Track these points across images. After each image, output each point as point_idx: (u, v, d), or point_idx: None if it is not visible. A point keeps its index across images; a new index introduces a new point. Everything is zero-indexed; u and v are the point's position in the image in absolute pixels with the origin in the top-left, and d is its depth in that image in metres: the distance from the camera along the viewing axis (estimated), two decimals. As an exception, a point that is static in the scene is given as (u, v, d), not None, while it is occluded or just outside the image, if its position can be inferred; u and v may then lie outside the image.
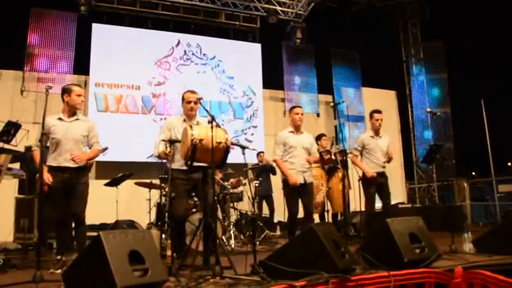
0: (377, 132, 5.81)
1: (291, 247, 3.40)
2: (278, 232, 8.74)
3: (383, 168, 5.71)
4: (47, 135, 4.10)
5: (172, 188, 4.46)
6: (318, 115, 11.71)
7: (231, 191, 6.92)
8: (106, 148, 5.81)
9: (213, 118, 3.74)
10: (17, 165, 6.04)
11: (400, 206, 8.99)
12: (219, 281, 3.16)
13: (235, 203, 7.21)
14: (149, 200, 6.63)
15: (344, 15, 12.55)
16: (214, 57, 10.79)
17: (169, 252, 4.78)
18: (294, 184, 5.07)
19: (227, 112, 10.67)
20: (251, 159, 8.40)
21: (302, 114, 5.33)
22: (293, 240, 3.67)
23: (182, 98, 4.51)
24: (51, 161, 4.10)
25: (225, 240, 5.97)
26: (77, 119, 4.30)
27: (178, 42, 10.55)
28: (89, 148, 4.37)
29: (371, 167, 5.66)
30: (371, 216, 5.62)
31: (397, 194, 5.87)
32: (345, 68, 12.12)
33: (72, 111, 4.27)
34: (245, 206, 7.57)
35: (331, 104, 8.50)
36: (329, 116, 11.93)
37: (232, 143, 4.02)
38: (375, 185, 5.64)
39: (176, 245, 4.25)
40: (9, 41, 9.85)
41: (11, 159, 5.18)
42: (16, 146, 5.73)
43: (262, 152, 8.78)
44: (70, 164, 4.13)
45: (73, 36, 9.50)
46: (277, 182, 8.26)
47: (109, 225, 6.70)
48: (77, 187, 4.15)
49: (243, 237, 6.65)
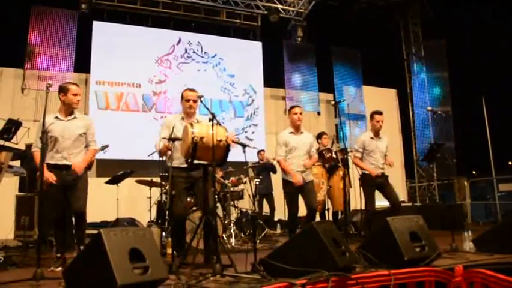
0: (377, 133, 5.79)
1: (292, 245, 3.39)
2: (278, 230, 8.75)
3: (382, 170, 5.70)
4: (46, 133, 4.09)
5: (171, 187, 4.45)
6: (318, 113, 11.70)
7: (232, 189, 6.93)
8: (106, 146, 5.82)
9: (213, 116, 3.73)
10: (17, 163, 6.04)
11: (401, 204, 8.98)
12: (219, 279, 3.15)
13: (236, 201, 7.22)
14: (150, 198, 6.64)
15: (345, 14, 12.54)
16: (215, 55, 10.79)
17: (169, 250, 4.79)
18: (297, 183, 5.07)
19: (228, 110, 10.67)
20: (252, 157, 8.41)
21: (301, 114, 5.31)
22: (293, 239, 3.66)
23: (182, 96, 4.50)
24: (49, 159, 4.09)
25: (225, 238, 5.98)
26: (75, 117, 4.27)
27: (179, 40, 10.55)
28: (85, 147, 4.34)
29: (370, 168, 5.66)
30: (370, 215, 5.61)
31: (397, 192, 5.88)
32: (346, 67, 12.11)
33: (69, 110, 4.24)
34: (245, 204, 7.58)
35: (332, 102, 8.53)
36: (329, 115, 11.93)
37: (232, 141, 4.01)
38: (375, 185, 5.63)
39: (176, 243, 4.25)
40: (10, 39, 9.87)
41: (11, 157, 5.19)
42: (17, 144, 5.72)
43: (262, 150, 8.78)
44: (67, 162, 4.13)
45: (73, 34, 9.51)
46: (278, 181, 8.27)
47: (110, 223, 6.72)
48: (76, 184, 4.13)
49: (243, 236, 6.66)
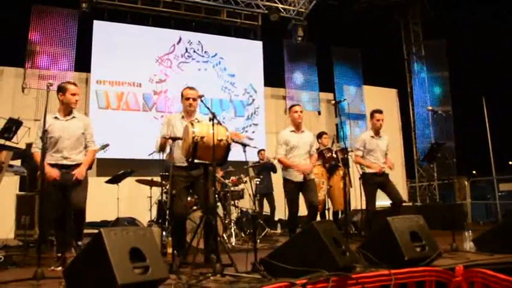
0: (377, 132, 5.79)
1: (292, 245, 3.39)
2: (279, 230, 8.75)
3: (383, 168, 5.70)
4: (47, 133, 4.08)
5: (171, 186, 4.45)
6: (319, 113, 11.69)
7: (232, 188, 6.93)
8: (107, 145, 5.81)
9: (214, 115, 3.73)
10: (18, 162, 6.04)
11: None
12: (219, 279, 3.15)
13: (236, 201, 7.22)
14: (150, 197, 6.64)
15: (345, 13, 12.54)
16: (216, 54, 10.79)
17: (169, 250, 4.78)
18: (305, 171, 5.10)
19: (228, 110, 10.67)
20: (252, 157, 8.41)
21: (302, 112, 5.31)
22: (294, 238, 3.66)
23: (182, 95, 4.50)
24: (48, 158, 4.07)
25: (225, 237, 5.98)
26: (74, 117, 4.26)
27: (180, 39, 10.55)
28: (84, 148, 4.33)
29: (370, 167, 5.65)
30: (371, 215, 5.61)
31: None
32: (347, 66, 12.11)
33: (68, 109, 4.23)
34: (246, 203, 7.58)
35: (332, 102, 8.51)
36: (330, 114, 11.93)
37: (233, 140, 4.01)
38: (376, 184, 5.61)
39: (177, 242, 4.25)
40: (11, 38, 9.87)
41: (12, 156, 5.19)
42: (17, 143, 5.72)
43: (263, 150, 8.78)
44: (67, 162, 4.13)
45: (74, 33, 9.51)
46: (278, 180, 8.27)
47: (110, 222, 6.72)
48: (75, 182, 4.11)
49: (243, 235, 6.66)
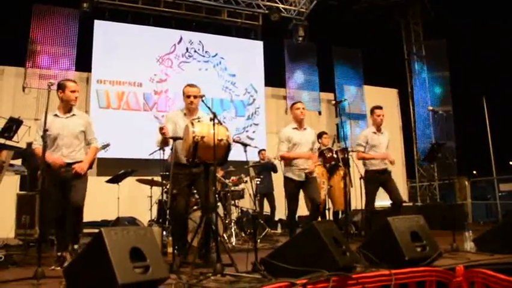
0: (378, 128, 5.79)
1: (292, 245, 3.39)
2: (279, 230, 8.75)
3: (386, 165, 5.66)
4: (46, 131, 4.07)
5: (173, 184, 4.44)
6: (319, 113, 11.69)
7: (232, 188, 6.92)
8: (107, 144, 5.82)
9: (214, 115, 3.72)
10: (18, 162, 6.04)
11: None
12: (219, 279, 3.15)
13: (236, 201, 7.22)
14: (151, 197, 6.63)
15: (346, 13, 12.53)
16: (216, 54, 10.79)
17: (170, 250, 4.78)
18: (309, 157, 5.13)
19: (229, 110, 10.67)
20: (252, 157, 8.41)
21: (304, 109, 5.31)
22: (294, 238, 3.66)
23: (183, 92, 4.48)
24: (48, 156, 4.07)
25: (226, 237, 5.98)
26: (74, 114, 4.25)
27: (180, 39, 10.55)
28: (87, 145, 4.33)
29: (374, 164, 5.61)
30: (371, 215, 5.60)
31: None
32: (347, 66, 12.11)
33: (67, 107, 4.22)
34: (246, 203, 7.58)
35: (333, 102, 8.47)
36: (330, 114, 11.92)
37: (234, 140, 4.00)
38: (378, 182, 5.59)
39: (177, 242, 4.25)
40: (12, 37, 9.87)
41: (12, 156, 5.19)
42: (18, 143, 5.72)
43: (263, 150, 8.77)
44: (67, 160, 4.11)
45: (75, 33, 9.51)
46: (279, 180, 8.28)
47: (110, 222, 6.72)
48: (73, 181, 4.10)
49: (244, 235, 6.65)
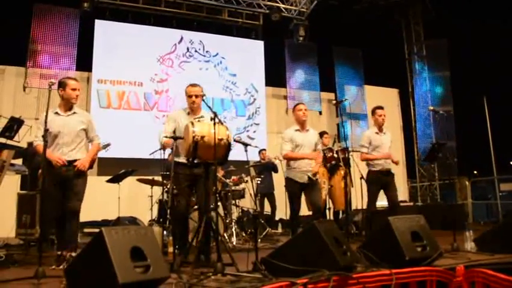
0: (380, 128, 5.78)
1: (293, 245, 3.39)
2: (280, 229, 8.75)
3: (389, 165, 5.65)
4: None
5: (173, 184, 4.44)
6: (320, 113, 11.69)
7: (233, 188, 6.93)
8: (108, 144, 5.82)
9: (215, 115, 3.72)
10: (19, 161, 6.04)
11: (402, 204, 8.98)
12: (220, 278, 3.16)
13: (237, 201, 7.22)
14: (151, 196, 6.64)
15: (346, 13, 12.52)
16: (217, 54, 10.79)
17: (170, 249, 4.78)
18: (314, 157, 5.12)
19: (229, 109, 10.68)
20: (253, 156, 8.41)
21: (306, 110, 5.31)
22: (295, 238, 3.66)
23: (185, 92, 4.49)
24: (48, 155, 4.06)
25: (226, 237, 5.98)
26: (74, 112, 4.25)
27: (181, 39, 10.55)
28: (89, 142, 4.34)
29: (377, 164, 5.59)
30: (371, 215, 5.59)
31: (399, 192, 5.84)
32: (348, 66, 12.10)
33: (68, 105, 4.22)
34: (247, 203, 7.58)
35: (333, 101, 8.44)
36: (331, 114, 11.92)
37: (234, 140, 4.00)
38: (381, 183, 5.58)
39: (178, 241, 4.25)
40: (12, 37, 9.86)
41: (13, 155, 5.19)
42: (19, 142, 5.73)
43: (264, 150, 8.78)
44: (67, 158, 4.11)
45: (75, 32, 9.52)
46: (279, 180, 8.29)
47: (111, 221, 6.73)
48: (73, 180, 4.10)
49: (244, 235, 6.65)
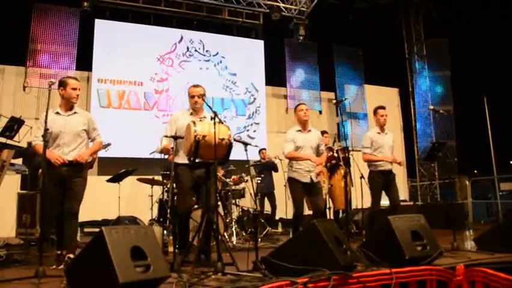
0: (382, 128, 5.77)
1: (293, 244, 3.40)
2: (280, 229, 8.75)
3: (391, 165, 5.64)
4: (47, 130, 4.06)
5: (174, 183, 4.44)
6: (320, 112, 11.68)
7: (233, 187, 6.93)
8: (108, 144, 5.83)
9: (215, 114, 3.73)
10: (19, 161, 6.05)
11: (402, 203, 8.97)
12: (220, 278, 3.16)
13: (237, 200, 7.22)
14: (152, 196, 6.64)
15: (346, 12, 12.51)
16: (217, 53, 10.79)
17: (171, 248, 4.79)
18: (318, 162, 5.10)
19: (229, 109, 10.68)
20: (253, 156, 8.41)
21: (307, 110, 5.30)
22: (295, 237, 3.67)
23: (188, 93, 4.50)
24: (48, 154, 4.06)
25: (226, 236, 5.98)
26: (75, 112, 4.24)
27: (181, 38, 10.55)
28: (91, 142, 4.34)
29: (379, 165, 5.57)
30: (373, 213, 5.56)
31: (399, 191, 5.83)
32: (348, 65, 12.09)
33: (69, 105, 4.21)
34: (247, 202, 7.58)
35: (333, 101, 8.44)
36: (331, 113, 11.92)
37: (234, 139, 4.01)
38: (383, 183, 5.55)
39: (179, 241, 4.25)
40: (12, 36, 9.86)
41: (13, 155, 5.19)
42: (19, 142, 5.74)
43: (264, 149, 8.78)
44: (68, 158, 4.09)
45: (75, 32, 9.52)
46: (279, 179, 8.30)
47: (111, 221, 6.73)
48: (73, 181, 4.09)
49: (244, 234, 6.65)
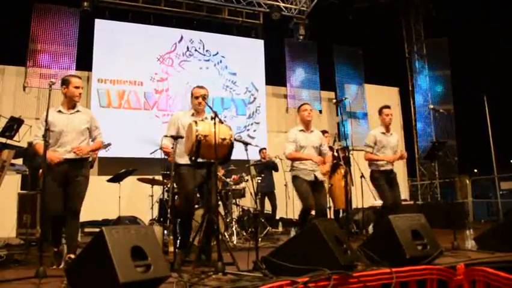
0: (387, 128, 5.76)
1: (294, 243, 3.40)
2: (280, 229, 8.74)
3: (392, 166, 5.63)
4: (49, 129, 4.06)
5: (176, 183, 4.43)
6: (320, 112, 11.67)
7: (233, 187, 6.93)
8: (108, 144, 5.82)
9: (215, 114, 3.73)
10: (19, 161, 6.05)
11: (402, 203, 8.96)
12: (221, 277, 3.16)
13: (238, 200, 7.22)
14: (152, 196, 6.65)
15: (347, 12, 12.51)
16: (217, 53, 10.79)
17: (171, 248, 4.79)
18: (320, 161, 5.08)
19: (229, 108, 10.67)
20: (253, 155, 8.42)
21: (311, 111, 5.31)
22: (295, 237, 3.67)
23: (191, 94, 4.50)
24: (51, 153, 4.06)
25: (227, 236, 5.99)
26: (78, 111, 4.25)
27: (181, 38, 10.55)
28: (92, 141, 4.35)
29: (380, 165, 5.57)
30: (383, 209, 5.48)
31: (400, 191, 5.82)
32: (348, 65, 12.09)
33: (71, 103, 4.22)
34: (247, 202, 7.59)
35: (333, 100, 8.43)
36: (331, 113, 11.92)
37: (234, 139, 4.00)
38: (384, 180, 5.53)
39: (180, 241, 4.25)
40: (12, 36, 9.86)
41: (14, 155, 5.19)
42: (19, 142, 5.73)
43: (264, 149, 8.78)
44: (70, 156, 4.09)
45: (75, 32, 9.52)
46: (280, 179, 8.31)
47: (112, 221, 6.74)
48: (75, 180, 4.09)
49: (245, 234, 6.65)
